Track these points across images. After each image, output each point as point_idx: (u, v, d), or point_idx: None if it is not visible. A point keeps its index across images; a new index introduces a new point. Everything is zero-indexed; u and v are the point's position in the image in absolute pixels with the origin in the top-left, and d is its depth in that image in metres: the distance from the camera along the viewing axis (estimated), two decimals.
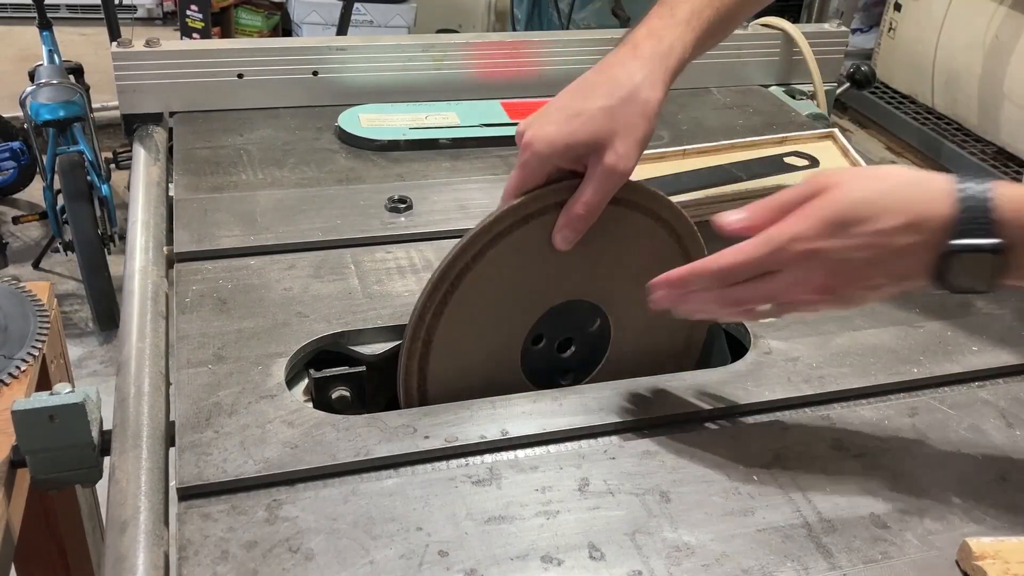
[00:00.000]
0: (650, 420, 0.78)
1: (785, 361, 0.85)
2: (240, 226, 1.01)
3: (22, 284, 1.04)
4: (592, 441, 0.76)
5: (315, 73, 1.29)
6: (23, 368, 0.93)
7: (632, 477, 0.73)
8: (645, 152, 1.14)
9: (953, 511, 0.71)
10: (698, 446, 0.76)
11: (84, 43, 3.87)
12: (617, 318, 0.87)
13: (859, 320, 0.92)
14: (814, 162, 1.16)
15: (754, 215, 0.71)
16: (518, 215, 0.79)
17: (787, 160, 1.16)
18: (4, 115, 3.11)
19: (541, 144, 0.76)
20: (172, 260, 0.97)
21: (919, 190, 0.67)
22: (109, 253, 2.57)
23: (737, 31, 1.44)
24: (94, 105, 2.62)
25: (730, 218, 0.72)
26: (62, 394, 0.76)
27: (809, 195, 0.69)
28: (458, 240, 0.79)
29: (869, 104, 3.88)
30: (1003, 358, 0.88)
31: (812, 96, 1.44)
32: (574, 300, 0.85)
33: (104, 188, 2.58)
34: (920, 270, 0.66)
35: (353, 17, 3.16)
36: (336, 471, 0.71)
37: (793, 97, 1.45)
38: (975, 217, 0.64)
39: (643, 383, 0.82)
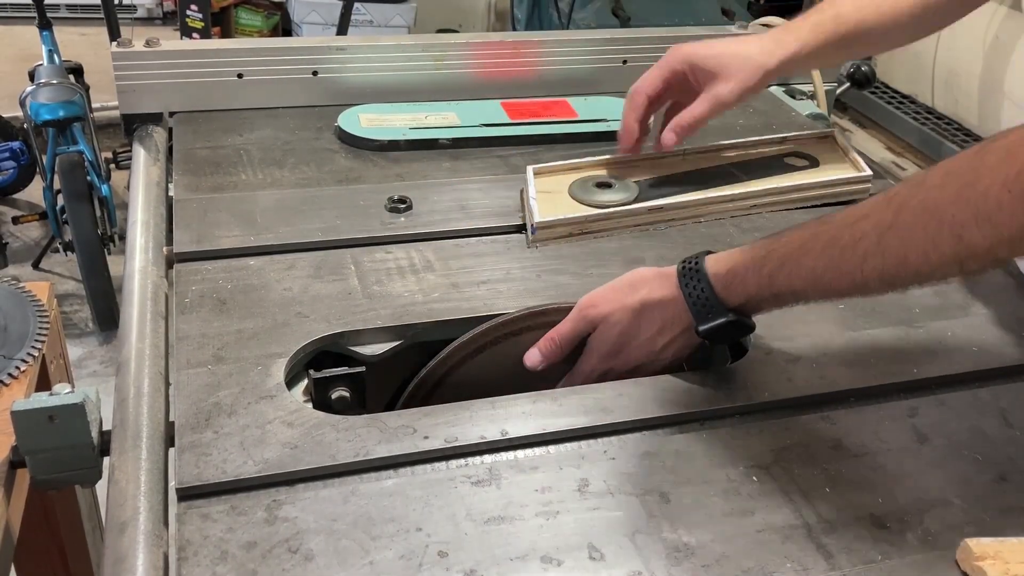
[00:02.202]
0: (650, 420, 0.78)
1: (785, 361, 0.85)
2: (240, 226, 1.01)
3: (22, 284, 1.04)
4: (592, 441, 0.76)
5: (315, 73, 1.29)
6: (23, 368, 0.93)
7: (632, 477, 0.73)
8: (645, 152, 1.15)
9: (953, 511, 0.71)
10: (698, 446, 0.76)
11: (84, 43, 3.87)
12: None
13: (859, 320, 0.92)
14: (813, 162, 1.16)
15: (546, 352, 0.87)
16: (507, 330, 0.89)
17: (787, 160, 1.16)
18: (4, 115, 3.11)
19: (689, 55, 1.03)
20: (172, 260, 0.97)
21: (657, 300, 0.83)
22: (109, 253, 2.57)
23: (737, 31, 1.44)
24: (94, 105, 2.62)
25: (531, 361, 0.87)
26: (62, 394, 0.76)
27: (581, 330, 0.86)
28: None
29: (869, 104, 3.88)
30: (1003, 358, 0.88)
31: (812, 96, 1.44)
32: None
33: (104, 188, 2.58)
34: (690, 342, 0.84)
35: (353, 17, 3.16)
36: (336, 471, 0.71)
37: (793, 97, 1.45)
38: (704, 307, 0.81)
39: (643, 383, 0.82)
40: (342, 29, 3.08)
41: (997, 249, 0.66)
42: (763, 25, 1.47)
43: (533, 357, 0.87)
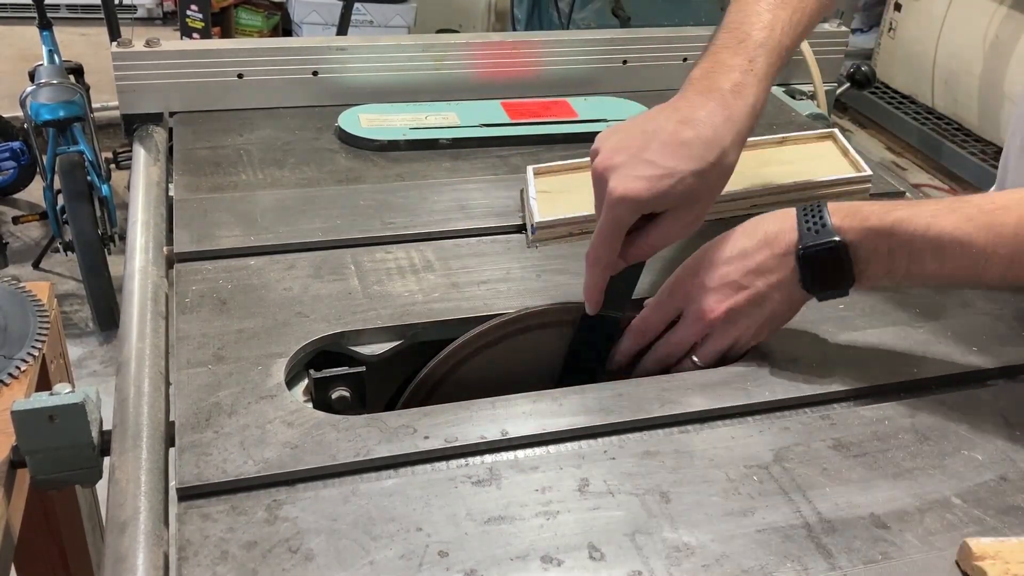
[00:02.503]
0: (650, 420, 0.78)
1: (785, 361, 0.85)
2: (240, 226, 1.01)
3: (22, 284, 1.04)
4: (592, 441, 0.76)
5: (315, 73, 1.29)
6: (23, 368, 0.93)
7: (632, 477, 0.73)
8: None
9: (953, 511, 0.71)
10: (698, 446, 0.76)
11: (84, 43, 3.87)
12: None
13: (859, 320, 0.92)
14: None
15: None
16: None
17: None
18: (4, 115, 3.11)
19: (632, 202, 0.78)
20: (172, 260, 0.97)
21: (767, 218, 0.80)
22: (109, 253, 2.57)
23: None
24: (94, 105, 2.62)
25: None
26: (62, 394, 0.76)
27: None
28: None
29: (869, 104, 3.89)
30: (1003, 358, 0.88)
31: (812, 96, 1.44)
32: None
33: (104, 188, 2.58)
34: (787, 281, 0.78)
35: (353, 17, 3.16)
36: (336, 471, 0.71)
37: (793, 97, 1.45)
38: (815, 224, 0.76)
39: (643, 383, 0.82)
40: (342, 29, 3.09)
41: None
42: None
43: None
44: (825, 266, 0.76)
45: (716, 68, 0.84)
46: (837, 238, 0.75)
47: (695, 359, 0.84)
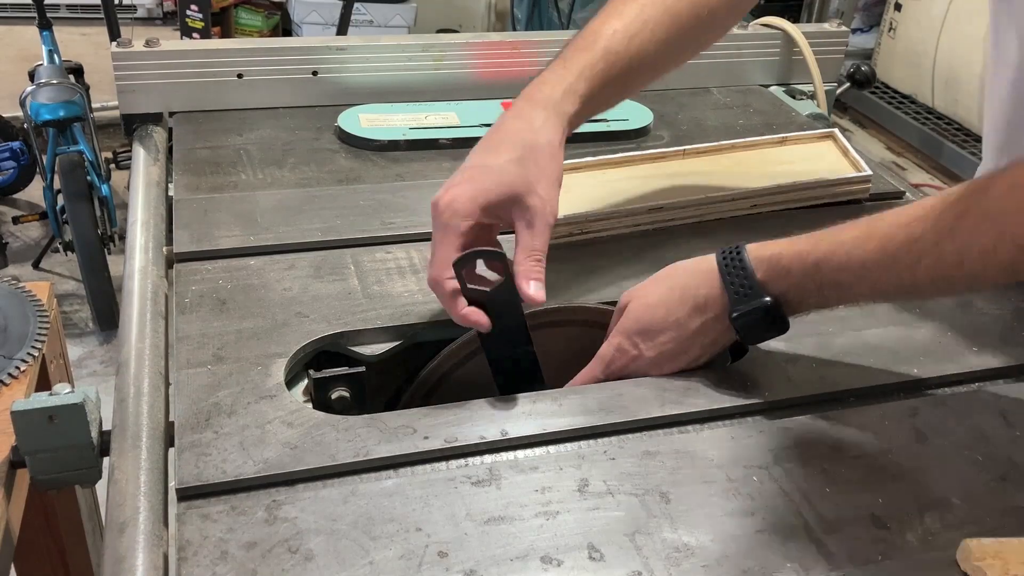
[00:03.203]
0: (650, 420, 0.78)
1: (785, 361, 0.85)
2: (240, 226, 1.01)
3: (22, 284, 1.04)
4: (592, 441, 0.76)
5: (315, 73, 1.29)
6: (23, 368, 0.93)
7: (632, 477, 0.73)
8: (645, 152, 1.15)
9: (953, 511, 0.71)
10: (698, 446, 0.76)
11: (84, 43, 3.87)
12: None
13: (859, 320, 0.92)
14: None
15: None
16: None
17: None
18: (4, 115, 3.11)
19: (461, 203, 0.78)
20: (172, 260, 0.97)
21: (693, 280, 0.80)
22: (109, 253, 2.57)
23: (737, 31, 1.45)
24: (94, 105, 2.62)
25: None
26: (62, 394, 0.76)
27: (618, 311, 0.83)
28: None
29: (869, 104, 3.88)
30: (1003, 358, 0.88)
31: (812, 96, 1.44)
32: None
33: (104, 188, 2.58)
34: (723, 334, 0.80)
35: (353, 17, 3.16)
36: (336, 471, 0.71)
37: (793, 97, 1.45)
38: (742, 288, 0.77)
39: (643, 384, 0.82)
40: (342, 29, 3.08)
41: None
42: (763, 25, 1.47)
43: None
44: (760, 324, 0.78)
45: (538, 75, 0.87)
46: (767, 299, 0.76)
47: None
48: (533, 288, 0.78)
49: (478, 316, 0.79)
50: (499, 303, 0.79)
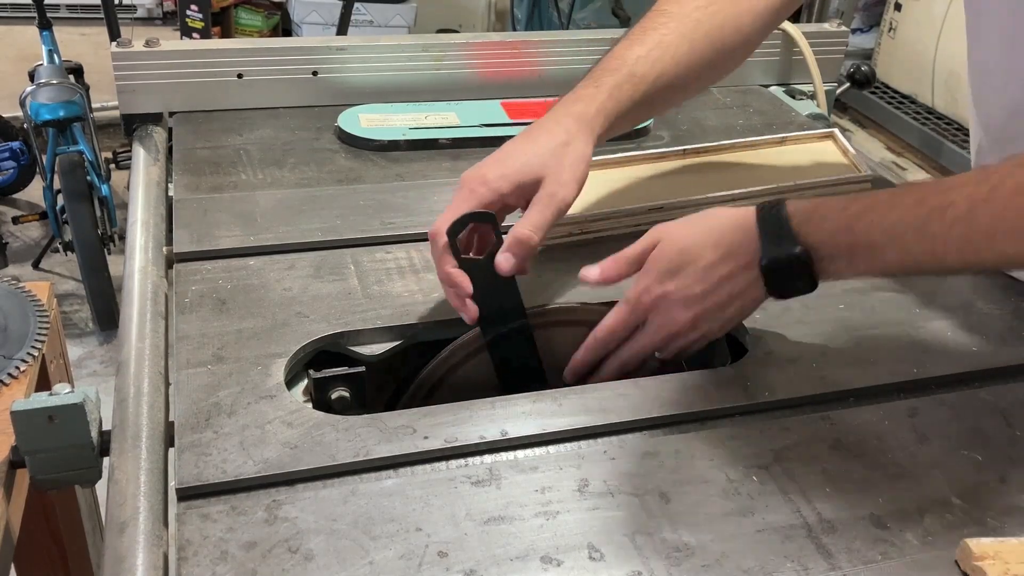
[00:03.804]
0: (650, 420, 0.78)
1: (785, 361, 0.85)
2: (240, 226, 1.01)
3: (22, 284, 1.04)
4: (592, 441, 0.76)
5: (315, 73, 1.29)
6: (23, 368, 0.93)
7: (632, 477, 0.73)
8: (645, 152, 1.15)
9: (953, 511, 0.71)
10: (698, 446, 0.76)
11: (84, 43, 3.87)
12: None
13: (859, 320, 0.92)
14: None
15: (606, 269, 0.84)
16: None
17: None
18: (4, 115, 3.11)
19: (489, 175, 0.84)
20: (172, 260, 0.97)
21: (729, 224, 0.81)
22: (109, 253, 2.57)
23: None
24: (94, 105, 2.62)
25: (589, 274, 0.85)
26: (61, 394, 0.76)
27: (647, 248, 0.83)
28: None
29: (869, 104, 3.88)
30: (1003, 358, 0.88)
31: (812, 96, 1.44)
32: None
33: (104, 188, 2.58)
34: (751, 286, 0.79)
35: (353, 17, 3.16)
36: (336, 471, 0.71)
37: (793, 97, 1.45)
38: (776, 234, 0.77)
39: (643, 383, 0.82)
40: (342, 29, 3.08)
41: None
42: None
43: (591, 273, 0.85)
44: (789, 274, 0.77)
45: (570, 94, 0.91)
46: (798, 248, 0.76)
47: (657, 354, 0.85)
48: (502, 260, 0.82)
49: (460, 278, 0.81)
50: (489, 275, 0.81)
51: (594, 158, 1.12)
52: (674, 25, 0.93)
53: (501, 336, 0.85)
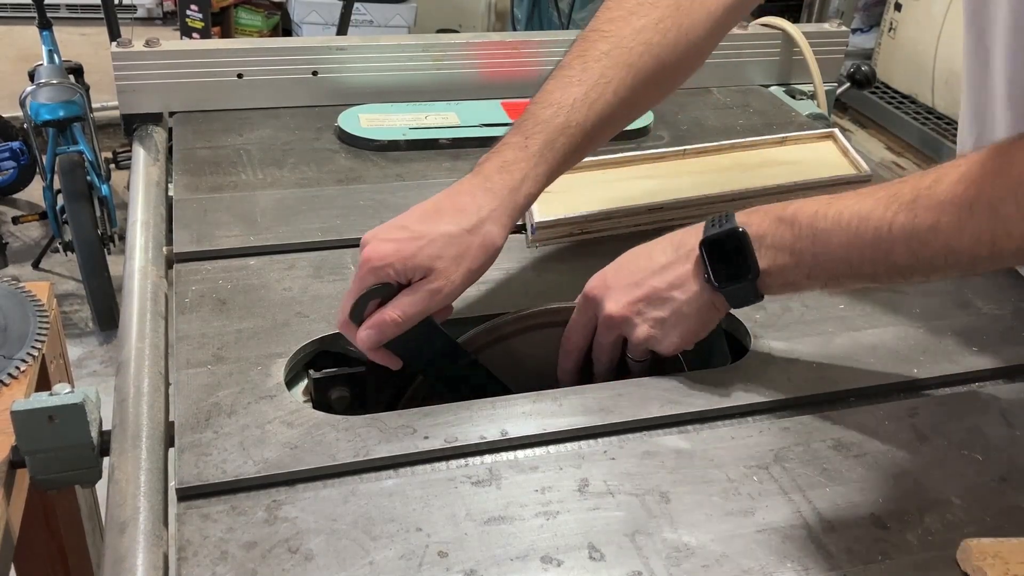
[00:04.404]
0: (650, 420, 0.78)
1: (785, 361, 0.85)
2: (240, 226, 1.01)
3: (22, 284, 1.04)
4: (592, 441, 0.76)
5: (315, 73, 1.29)
6: (23, 368, 0.93)
7: (632, 477, 0.73)
8: (645, 152, 1.15)
9: (953, 511, 0.71)
10: (698, 446, 0.76)
11: (84, 43, 3.87)
12: None
13: (859, 320, 0.92)
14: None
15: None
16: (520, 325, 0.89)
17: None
18: (4, 115, 3.11)
19: (377, 261, 0.77)
20: (172, 260, 0.97)
21: (671, 235, 0.81)
22: (109, 253, 2.57)
23: (737, 31, 1.44)
24: (94, 105, 2.62)
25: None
26: (61, 394, 0.76)
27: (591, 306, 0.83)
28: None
29: (869, 104, 3.88)
30: (1003, 358, 0.88)
31: (812, 96, 1.44)
32: None
33: (104, 188, 2.58)
34: (689, 271, 0.78)
35: (353, 17, 3.16)
36: (336, 471, 0.71)
37: (793, 97, 1.45)
38: (717, 222, 0.77)
39: (643, 383, 0.82)
40: (342, 29, 3.08)
41: None
42: (763, 25, 1.47)
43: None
44: (726, 253, 0.76)
45: (497, 148, 0.85)
46: (739, 227, 0.76)
47: (630, 356, 0.84)
48: (361, 332, 0.78)
49: (384, 356, 0.80)
50: (412, 332, 0.79)
51: (594, 158, 1.13)
52: (617, 54, 0.86)
53: (451, 378, 0.85)
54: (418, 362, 0.83)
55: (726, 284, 0.77)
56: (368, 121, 1.23)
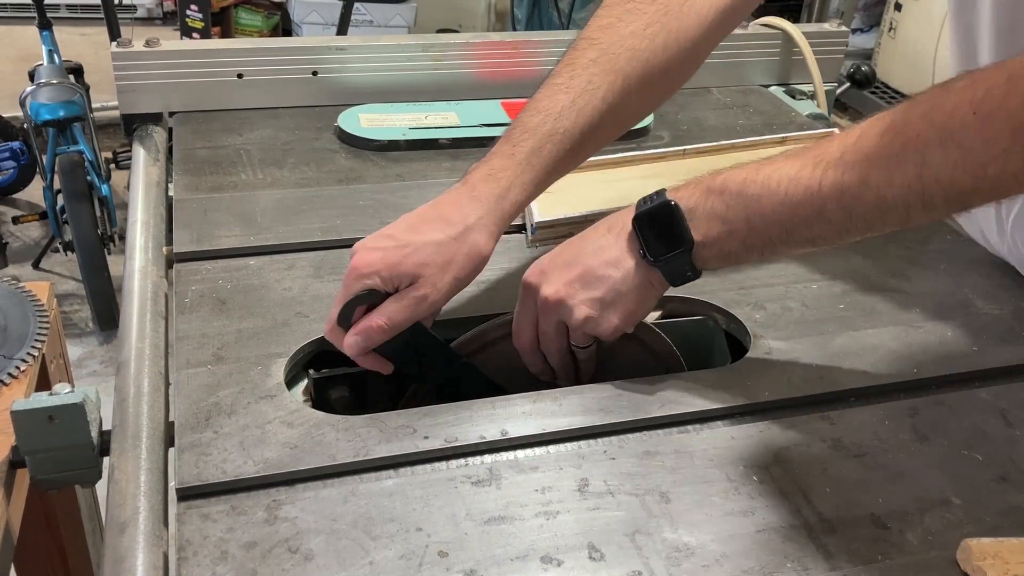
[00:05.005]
0: (650, 420, 0.78)
1: (785, 361, 0.85)
2: (240, 226, 1.01)
3: (22, 284, 1.04)
4: (592, 441, 0.76)
5: (315, 73, 1.29)
6: (23, 368, 0.93)
7: (632, 477, 0.73)
8: (645, 152, 1.15)
9: (953, 511, 0.71)
10: (698, 446, 0.76)
11: (84, 43, 3.87)
12: None
13: (859, 320, 0.92)
14: None
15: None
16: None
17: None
18: (4, 115, 3.11)
19: (364, 268, 0.77)
20: (172, 260, 0.97)
21: (605, 219, 0.81)
22: (109, 253, 2.57)
23: (737, 31, 1.44)
24: (94, 105, 2.62)
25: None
26: (61, 394, 0.76)
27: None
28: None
29: (869, 104, 3.88)
30: (1003, 358, 0.88)
31: (812, 96, 1.44)
32: None
33: (104, 188, 2.58)
34: (622, 249, 0.78)
35: (353, 17, 3.16)
36: (336, 471, 0.71)
37: (793, 97, 1.45)
38: (649, 197, 0.78)
39: (643, 383, 0.82)
40: (342, 29, 3.08)
41: (960, 178, 0.65)
42: (763, 25, 1.47)
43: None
44: (657, 224, 0.76)
45: (486, 158, 0.85)
46: (670, 200, 0.76)
47: (574, 344, 0.83)
48: (348, 339, 0.78)
49: (375, 361, 0.80)
50: (401, 337, 0.79)
51: (594, 158, 1.13)
52: (604, 60, 0.86)
53: (447, 380, 0.85)
54: (410, 367, 0.83)
55: (661, 258, 0.77)
56: (368, 121, 1.23)
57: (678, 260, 0.77)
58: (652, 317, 0.91)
